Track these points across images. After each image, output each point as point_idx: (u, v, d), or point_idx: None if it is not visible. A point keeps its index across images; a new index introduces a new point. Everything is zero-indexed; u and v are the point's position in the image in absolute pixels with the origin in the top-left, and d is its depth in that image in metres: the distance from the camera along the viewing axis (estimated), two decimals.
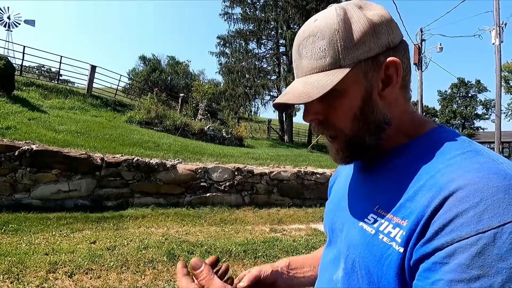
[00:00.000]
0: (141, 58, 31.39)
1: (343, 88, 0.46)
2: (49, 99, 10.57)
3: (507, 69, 31.26)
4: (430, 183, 0.41)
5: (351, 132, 0.49)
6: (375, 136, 0.49)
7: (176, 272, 0.54)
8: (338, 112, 0.48)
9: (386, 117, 0.49)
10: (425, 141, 0.48)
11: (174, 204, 4.97)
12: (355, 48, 0.46)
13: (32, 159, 4.23)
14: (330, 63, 0.46)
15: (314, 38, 0.47)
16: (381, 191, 0.48)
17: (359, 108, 0.48)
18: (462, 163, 0.41)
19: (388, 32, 0.48)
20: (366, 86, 0.47)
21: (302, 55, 0.49)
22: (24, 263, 2.66)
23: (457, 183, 0.38)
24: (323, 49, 0.46)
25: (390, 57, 0.47)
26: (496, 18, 13.62)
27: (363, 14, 0.47)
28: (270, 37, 19.83)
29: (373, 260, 0.44)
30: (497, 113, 14.47)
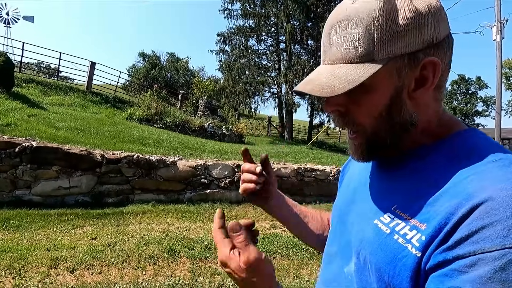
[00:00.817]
0: (140, 55, 31.28)
1: (372, 84, 0.42)
2: (48, 96, 10.55)
3: (507, 65, 31.16)
4: (456, 189, 0.39)
5: (372, 130, 0.46)
6: (397, 137, 0.46)
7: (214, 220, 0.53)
8: (362, 108, 0.45)
9: (413, 118, 0.45)
10: (451, 144, 0.45)
11: (174, 200, 4.98)
12: (394, 41, 0.41)
13: (32, 156, 4.23)
14: (363, 55, 0.42)
15: (349, 23, 0.42)
16: (400, 191, 0.46)
17: (386, 107, 0.44)
18: (494, 171, 0.38)
19: (434, 25, 0.42)
20: (397, 85, 0.43)
21: (333, 41, 0.44)
22: (25, 259, 2.68)
23: (488, 192, 0.35)
24: (357, 38, 0.42)
25: (430, 56, 0.42)
26: (497, 15, 13.56)
27: (411, 1, 0.41)
28: (270, 33, 19.73)
29: (385, 259, 0.42)
30: (498, 110, 14.46)
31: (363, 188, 0.54)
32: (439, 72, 0.43)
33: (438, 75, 0.43)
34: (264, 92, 19.25)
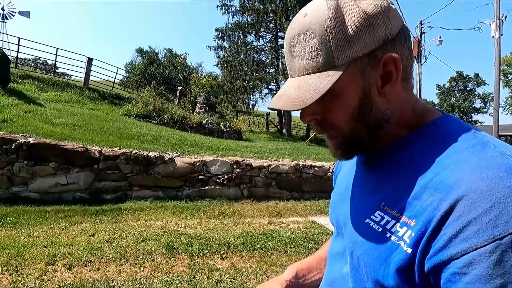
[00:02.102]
0: (138, 51, 31.09)
1: (339, 88, 0.44)
2: (45, 92, 10.47)
3: (506, 62, 31.21)
4: (437, 181, 0.40)
5: (349, 132, 0.47)
6: (374, 134, 0.48)
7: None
8: (335, 113, 0.46)
9: (385, 114, 0.47)
10: (426, 133, 0.46)
11: (172, 197, 4.97)
12: (350, 45, 0.42)
13: (29, 152, 4.20)
14: (324, 63, 0.43)
15: (304, 36, 0.44)
16: (385, 187, 0.47)
17: (357, 108, 0.46)
18: (470, 159, 0.39)
19: (386, 23, 0.43)
20: (363, 85, 0.45)
21: (294, 54, 0.46)
22: (23, 255, 2.66)
23: (466, 184, 0.37)
24: (315, 49, 0.43)
25: (389, 51, 0.44)
26: (496, 11, 13.53)
27: (356, 4, 0.43)
28: (268, 30, 19.64)
29: (379, 259, 0.43)
30: (495, 106, 14.50)
31: (352, 187, 0.56)
32: (400, 65, 0.45)
33: (400, 69, 0.45)
34: (263, 89, 19.22)
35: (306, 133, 20.90)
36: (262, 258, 3.09)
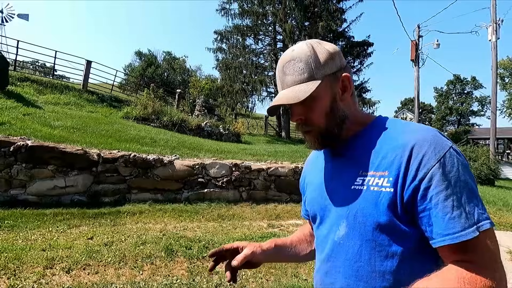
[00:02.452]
0: (137, 54, 31.08)
1: (317, 94, 0.67)
2: (44, 95, 10.45)
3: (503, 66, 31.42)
4: (395, 144, 0.63)
5: (324, 126, 0.69)
6: (340, 127, 0.70)
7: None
8: (315, 111, 0.69)
9: (345, 114, 0.70)
10: (375, 124, 0.71)
11: (171, 200, 4.96)
12: (322, 67, 0.68)
13: (27, 155, 4.19)
14: (308, 77, 0.67)
15: (294, 61, 0.68)
16: (357, 163, 0.68)
17: (329, 107, 0.69)
18: (406, 129, 0.66)
19: (339, 57, 0.71)
20: (331, 93, 0.69)
21: (286, 73, 0.69)
22: (20, 259, 2.65)
23: (413, 139, 0.62)
24: (301, 68, 0.67)
25: (344, 73, 0.70)
26: (493, 15, 13.66)
27: (323, 46, 0.70)
28: (267, 33, 19.70)
29: (370, 205, 0.62)
30: (493, 109, 14.57)
31: (329, 178, 0.74)
32: (352, 81, 0.71)
33: (352, 83, 0.71)
34: (262, 92, 19.23)
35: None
36: None
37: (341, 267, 0.66)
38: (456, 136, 29.28)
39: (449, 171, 0.57)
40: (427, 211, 0.57)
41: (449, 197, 0.56)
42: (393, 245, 0.61)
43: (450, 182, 0.56)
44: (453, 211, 0.55)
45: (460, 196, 0.56)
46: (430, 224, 0.57)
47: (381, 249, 0.61)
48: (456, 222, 0.55)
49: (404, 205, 0.59)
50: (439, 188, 0.56)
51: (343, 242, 0.66)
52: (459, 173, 0.58)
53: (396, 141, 0.63)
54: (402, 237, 0.60)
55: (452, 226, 0.55)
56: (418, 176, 0.58)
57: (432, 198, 0.56)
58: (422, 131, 0.63)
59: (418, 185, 0.58)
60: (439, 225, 0.56)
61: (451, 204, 0.55)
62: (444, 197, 0.56)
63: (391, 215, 0.60)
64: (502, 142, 30.43)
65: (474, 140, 27.93)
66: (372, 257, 0.62)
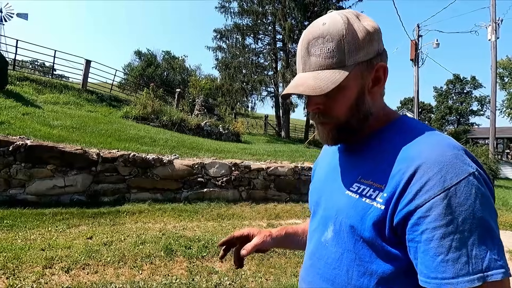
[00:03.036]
0: (136, 53, 31.05)
1: (345, 84, 0.56)
2: (43, 94, 10.43)
3: (502, 65, 31.44)
4: (402, 156, 0.53)
5: (345, 119, 0.59)
6: (361, 124, 0.61)
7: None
8: (338, 103, 0.58)
9: (371, 109, 0.60)
10: (395, 126, 0.61)
11: (171, 199, 4.95)
12: (357, 52, 0.56)
13: (26, 154, 4.18)
14: (337, 62, 0.55)
15: (323, 39, 0.56)
16: (363, 165, 0.60)
17: (355, 100, 0.59)
18: (424, 140, 0.54)
19: (378, 41, 0.58)
20: (361, 84, 0.58)
21: (311, 53, 0.57)
22: (20, 258, 2.64)
23: (424, 155, 0.51)
24: (331, 50, 0.55)
25: (380, 62, 0.58)
26: (492, 14, 13.66)
27: (362, 23, 0.57)
28: (267, 32, 19.69)
29: (357, 217, 0.56)
30: (492, 109, 14.59)
31: (332, 172, 0.68)
32: (387, 73, 0.60)
33: (387, 75, 0.60)
34: (261, 91, 19.23)
35: (304, 135, 20.92)
36: (261, 260, 3.08)
37: (321, 269, 0.63)
38: (456, 136, 29.30)
39: (460, 203, 0.46)
40: (415, 243, 0.49)
41: (449, 236, 0.46)
42: (374, 263, 0.54)
43: (457, 218, 0.46)
44: (448, 253, 0.45)
45: (467, 236, 0.45)
46: (416, 258, 0.49)
47: (360, 263, 0.56)
48: (448, 266, 0.45)
49: (393, 227, 0.52)
50: (438, 223, 0.46)
51: (328, 245, 0.62)
52: (475, 207, 0.46)
53: (405, 152, 0.53)
54: (385, 257, 0.53)
55: (442, 269, 0.45)
56: (415, 202, 0.49)
57: (424, 232, 0.47)
58: (440, 148, 0.51)
59: (411, 211, 0.49)
60: (427, 264, 0.47)
61: (448, 244, 0.45)
62: (441, 235, 0.46)
63: (375, 234, 0.53)
64: (502, 141, 30.45)
65: (473, 139, 27.95)
66: (350, 269, 0.57)
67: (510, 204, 6.84)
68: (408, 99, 48.96)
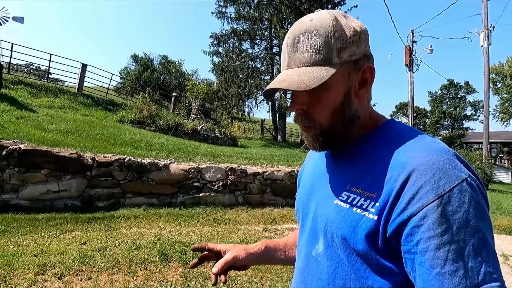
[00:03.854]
0: (133, 57, 31.03)
1: (330, 83, 0.53)
2: (38, 98, 10.36)
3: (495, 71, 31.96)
4: (393, 163, 0.51)
5: (328, 124, 0.56)
6: (347, 128, 0.57)
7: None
8: (322, 104, 0.55)
9: (357, 112, 0.57)
10: (383, 130, 0.58)
11: (166, 204, 4.92)
12: (344, 50, 0.53)
13: (20, 159, 4.13)
14: (323, 59, 0.52)
15: (310, 35, 0.53)
16: (350, 173, 0.57)
17: (340, 103, 0.55)
18: (415, 145, 0.51)
19: (365, 42, 0.56)
20: (348, 85, 0.55)
21: (297, 49, 0.54)
22: (11, 265, 2.60)
23: (416, 161, 0.48)
24: (318, 46, 0.52)
25: (367, 63, 0.56)
26: (484, 21, 13.92)
27: (349, 22, 0.55)
28: (263, 37, 19.83)
29: (348, 229, 0.52)
30: (486, 114, 14.79)
31: (319, 179, 0.64)
32: (374, 75, 0.57)
33: (374, 77, 0.57)
34: (258, 96, 19.29)
35: (300, 139, 20.97)
36: (257, 266, 3.06)
37: (313, 285, 0.58)
38: (450, 140, 29.59)
39: (454, 211, 0.44)
40: (412, 254, 0.46)
41: (444, 247, 0.43)
42: (369, 278, 0.51)
43: (451, 227, 0.44)
44: (445, 265, 0.43)
45: (463, 246, 0.43)
46: (414, 271, 0.47)
47: (356, 278, 0.52)
48: (445, 279, 0.43)
49: (386, 238, 0.49)
50: (432, 232, 0.44)
51: (320, 259, 0.58)
52: (469, 215, 0.44)
53: (396, 158, 0.51)
54: (380, 271, 0.50)
55: (439, 283, 0.43)
56: (408, 210, 0.46)
57: (419, 242, 0.45)
58: (432, 153, 0.48)
59: (405, 221, 0.46)
60: (424, 278, 0.45)
61: (444, 255, 0.43)
62: (436, 245, 0.44)
63: (368, 246, 0.50)
64: (495, 146, 30.82)
65: (467, 144, 28.26)
66: (347, 284, 0.53)
67: (504, 208, 6.90)
68: (403, 104, 49.45)
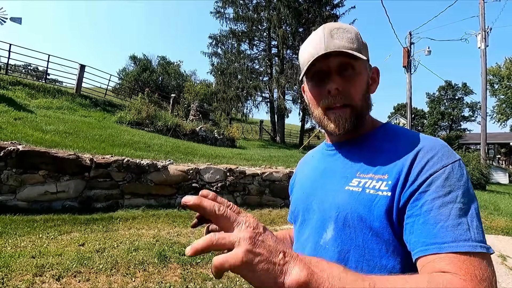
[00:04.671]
0: (131, 58, 31.01)
1: (360, 69, 0.64)
2: (36, 99, 10.32)
3: (492, 72, 32.14)
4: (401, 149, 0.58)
5: (360, 103, 0.64)
6: (365, 116, 0.66)
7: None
8: (355, 86, 0.63)
9: (370, 104, 0.67)
10: (382, 130, 0.67)
11: (165, 205, 4.91)
12: (365, 49, 0.65)
13: (18, 160, 4.12)
14: (357, 47, 0.62)
15: (344, 30, 0.63)
16: (358, 163, 0.63)
17: (365, 89, 0.65)
18: (415, 136, 0.61)
19: (367, 51, 0.68)
20: (367, 76, 0.66)
21: (334, 37, 0.62)
22: (9, 266, 2.58)
23: (421, 144, 0.57)
24: (352, 38, 0.63)
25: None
26: (481, 23, 14.01)
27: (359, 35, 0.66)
28: (262, 38, 19.87)
29: (364, 208, 0.56)
30: (483, 115, 14.86)
31: (321, 177, 0.69)
32: (379, 75, 0.69)
33: (379, 77, 0.69)
34: (256, 97, 19.30)
35: (299, 140, 21.00)
36: None
37: None
38: (448, 141, 29.73)
39: (458, 179, 0.50)
40: (414, 217, 0.49)
41: (448, 205, 0.47)
42: (384, 257, 0.53)
43: (455, 190, 0.49)
44: (448, 220, 0.46)
45: (466, 208, 0.47)
46: (411, 232, 0.49)
47: (370, 258, 0.54)
48: (448, 231, 0.45)
49: (400, 212, 0.52)
50: (437, 194, 0.49)
51: (329, 247, 0.59)
52: (468, 184, 0.51)
53: (402, 146, 0.58)
54: (395, 250, 0.53)
55: (442, 235, 0.45)
56: (418, 180, 0.51)
57: (424, 204, 0.49)
58: (432, 139, 0.58)
59: (415, 190, 0.51)
60: (427, 233, 0.47)
61: (448, 212, 0.47)
62: (440, 204, 0.48)
63: (385, 222, 0.53)
64: (493, 147, 30.96)
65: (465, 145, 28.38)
66: (359, 266, 0.55)
67: (502, 209, 6.93)
68: (401, 105, 49.60)
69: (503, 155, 30.62)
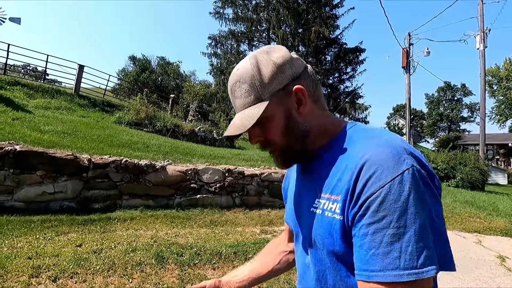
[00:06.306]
0: (130, 58, 31.02)
1: (268, 114, 0.61)
2: (34, 99, 10.30)
3: (491, 73, 32.23)
4: (350, 164, 0.56)
5: (284, 144, 0.64)
6: (302, 143, 0.64)
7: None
8: (271, 132, 0.63)
9: (306, 128, 0.64)
10: (340, 138, 0.64)
11: (163, 206, 4.89)
12: (268, 84, 0.61)
13: (15, 160, 4.09)
14: (254, 99, 0.61)
15: (239, 83, 0.63)
16: (319, 181, 0.62)
17: (285, 125, 0.62)
18: (367, 143, 0.57)
19: (291, 67, 0.63)
20: (284, 109, 0.62)
21: (235, 96, 0.64)
22: (5, 267, 2.56)
23: (364, 157, 0.53)
24: (247, 90, 0.62)
25: (296, 85, 0.62)
26: (480, 24, 14.05)
27: (269, 58, 0.62)
28: (261, 39, 19.90)
29: (325, 232, 0.58)
30: (482, 116, 14.90)
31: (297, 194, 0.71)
32: (306, 93, 0.63)
33: (306, 95, 0.63)
34: None
35: None
36: None
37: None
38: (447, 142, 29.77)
39: (394, 200, 0.49)
40: (355, 238, 0.52)
41: (381, 231, 0.48)
42: (351, 277, 0.56)
43: (391, 214, 0.48)
44: (379, 247, 0.48)
45: (402, 232, 0.47)
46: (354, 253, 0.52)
47: (341, 279, 0.58)
48: (378, 259, 0.48)
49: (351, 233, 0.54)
50: (372, 219, 0.49)
51: (311, 266, 0.64)
52: (408, 203, 0.48)
53: (352, 158, 0.56)
54: None
55: (372, 262, 0.48)
56: (359, 202, 0.52)
57: (361, 228, 0.50)
58: (380, 147, 0.54)
59: (356, 212, 0.52)
60: (361, 258, 0.50)
61: (380, 239, 0.48)
62: (374, 230, 0.49)
63: (344, 246, 0.55)
64: (491, 148, 31.02)
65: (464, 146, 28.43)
66: (337, 285, 0.59)
67: (501, 209, 6.93)
68: (400, 106, 49.71)
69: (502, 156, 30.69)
